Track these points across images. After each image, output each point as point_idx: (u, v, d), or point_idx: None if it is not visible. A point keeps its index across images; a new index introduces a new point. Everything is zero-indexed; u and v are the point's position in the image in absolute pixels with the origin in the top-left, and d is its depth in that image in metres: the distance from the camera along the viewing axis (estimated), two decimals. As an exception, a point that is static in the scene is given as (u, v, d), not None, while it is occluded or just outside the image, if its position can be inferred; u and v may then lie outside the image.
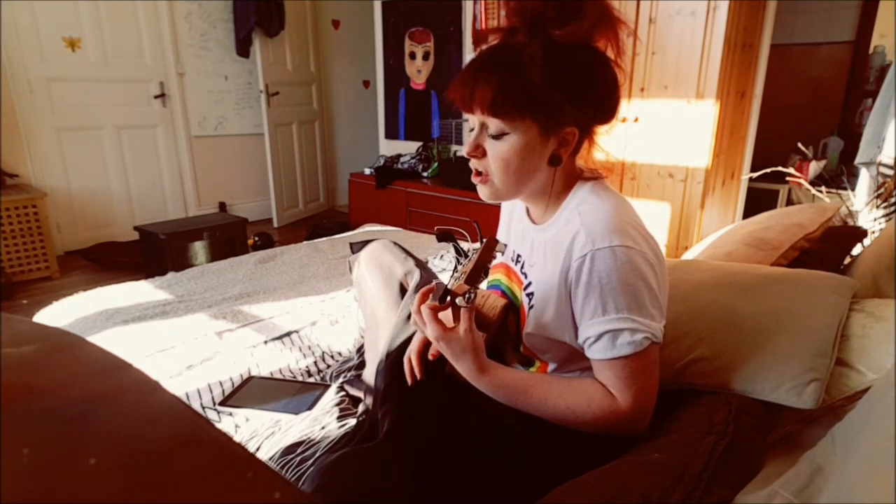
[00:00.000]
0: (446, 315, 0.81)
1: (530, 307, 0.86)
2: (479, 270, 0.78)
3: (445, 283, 0.84)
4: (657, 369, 0.81)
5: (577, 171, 0.87)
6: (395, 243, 1.22)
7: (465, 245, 0.91)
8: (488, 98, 0.75)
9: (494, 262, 0.84)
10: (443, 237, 0.93)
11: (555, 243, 0.83)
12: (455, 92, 0.79)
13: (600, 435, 0.81)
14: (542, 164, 0.81)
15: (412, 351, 0.93)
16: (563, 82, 0.76)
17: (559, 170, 0.83)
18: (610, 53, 0.79)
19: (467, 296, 0.78)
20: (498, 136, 0.78)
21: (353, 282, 1.31)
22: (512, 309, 0.93)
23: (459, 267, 0.81)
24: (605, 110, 0.82)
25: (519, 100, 0.75)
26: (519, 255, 0.93)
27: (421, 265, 1.15)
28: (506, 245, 0.99)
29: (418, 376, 0.91)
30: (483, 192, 0.86)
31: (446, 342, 0.79)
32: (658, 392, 0.82)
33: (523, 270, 0.90)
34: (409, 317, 1.04)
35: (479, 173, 0.84)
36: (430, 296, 0.82)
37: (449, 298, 0.78)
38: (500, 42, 0.79)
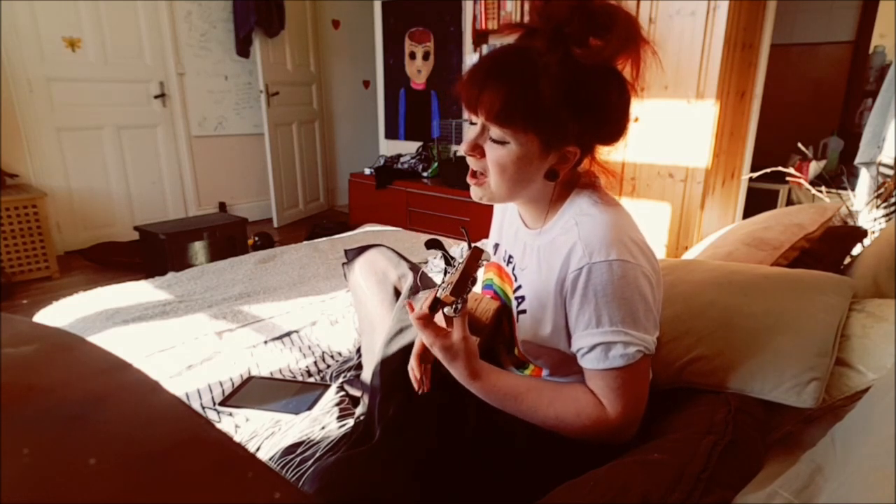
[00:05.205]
0: (440, 318, 0.81)
1: (521, 311, 0.86)
2: (465, 281, 0.78)
3: (438, 284, 0.84)
4: (647, 380, 0.82)
5: (573, 178, 0.85)
6: (389, 247, 1.22)
7: (453, 251, 0.90)
8: (496, 107, 0.73)
9: (480, 269, 0.84)
10: (431, 244, 0.93)
11: (550, 251, 0.82)
12: (463, 91, 0.77)
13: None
14: (538, 177, 0.80)
15: (413, 354, 0.92)
16: (574, 102, 0.73)
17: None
18: (628, 74, 0.76)
19: (455, 306, 0.78)
20: (498, 142, 0.77)
21: (348, 287, 1.30)
22: (504, 311, 0.93)
23: (446, 277, 0.81)
24: (612, 134, 0.80)
25: (525, 114, 0.73)
26: (511, 256, 0.92)
27: (414, 268, 1.15)
28: (497, 245, 0.99)
29: (420, 381, 0.89)
30: (475, 193, 0.84)
31: (439, 348, 0.79)
32: (657, 392, 0.83)
33: (514, 272, 0.90)
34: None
35: (474, 175, 0.83)
36: (422, 304, 0.81)
37: (438, 307, 0.78)
38: (516, 43, 0.77)
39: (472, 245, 0.82)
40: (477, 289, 1.01)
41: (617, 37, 0.71)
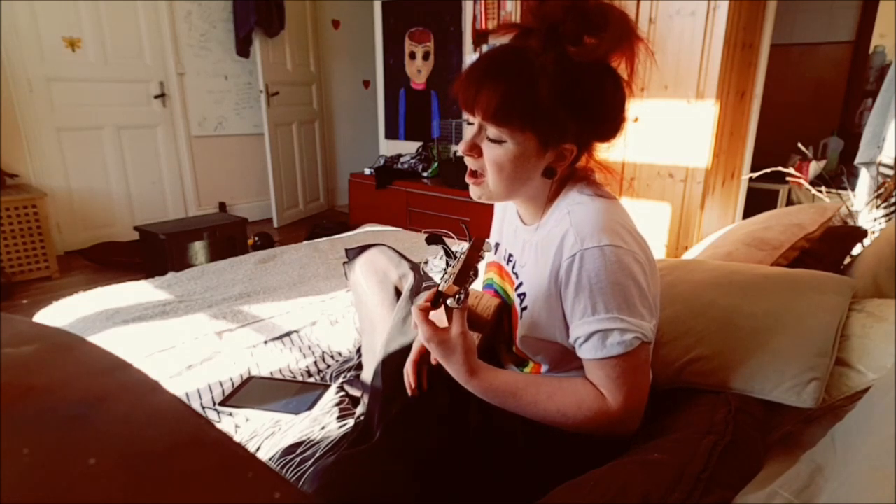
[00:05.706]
0: (441, 316, 0.81)
1: (522, 308, 0.86)
2: (467, 271, 0.78)
3: (441, 278, 0.84)
4: (648, 369, 0.81)
5: (569, 174, 0.86)
6: (390, 247, 1.22)
7: (454, 246, 0.91)
8: (492, 106, 0.74)
9: (483, 261, 0.84)
10: (431, 240, 0.93)
11: (545, 244, 0.82)
12: (460, 91, 0.77)
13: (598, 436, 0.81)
14: (536, 175, 0.81)
15: (410, 359, 0.92)
16: (570, 100, 0.74)
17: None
18: (623, 72, 0.77)
19: (458, 297, 0.78)
20: (495, 142, 0.78)
21: (348, 287, 1.30)
22: (505, 309, 0.93)
23: (448, 269, 0.81)
24: (609, 130, 0.81)
25: (522, 113, 0.74)
26: (511, 255, 0.92)
27: (415, 268, 1.15)
28: (497, 244, 0.99)
29: (414, 385, 0.90)
30: (475, 193, 0.85)
31: (436, 344, 0.79)
32: (657, 392, 0.82)
33: (514, 270, 0.90)
34: (404, 319, 1.04)
35: (473, 174, 0.83)
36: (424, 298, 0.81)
37: (441, 300, 0.78)
38: (512, 43, 0.77)
39: (473, 237, 0.82)
40: (478, 287, 1.01)
41: (611, 35, 0.72)
